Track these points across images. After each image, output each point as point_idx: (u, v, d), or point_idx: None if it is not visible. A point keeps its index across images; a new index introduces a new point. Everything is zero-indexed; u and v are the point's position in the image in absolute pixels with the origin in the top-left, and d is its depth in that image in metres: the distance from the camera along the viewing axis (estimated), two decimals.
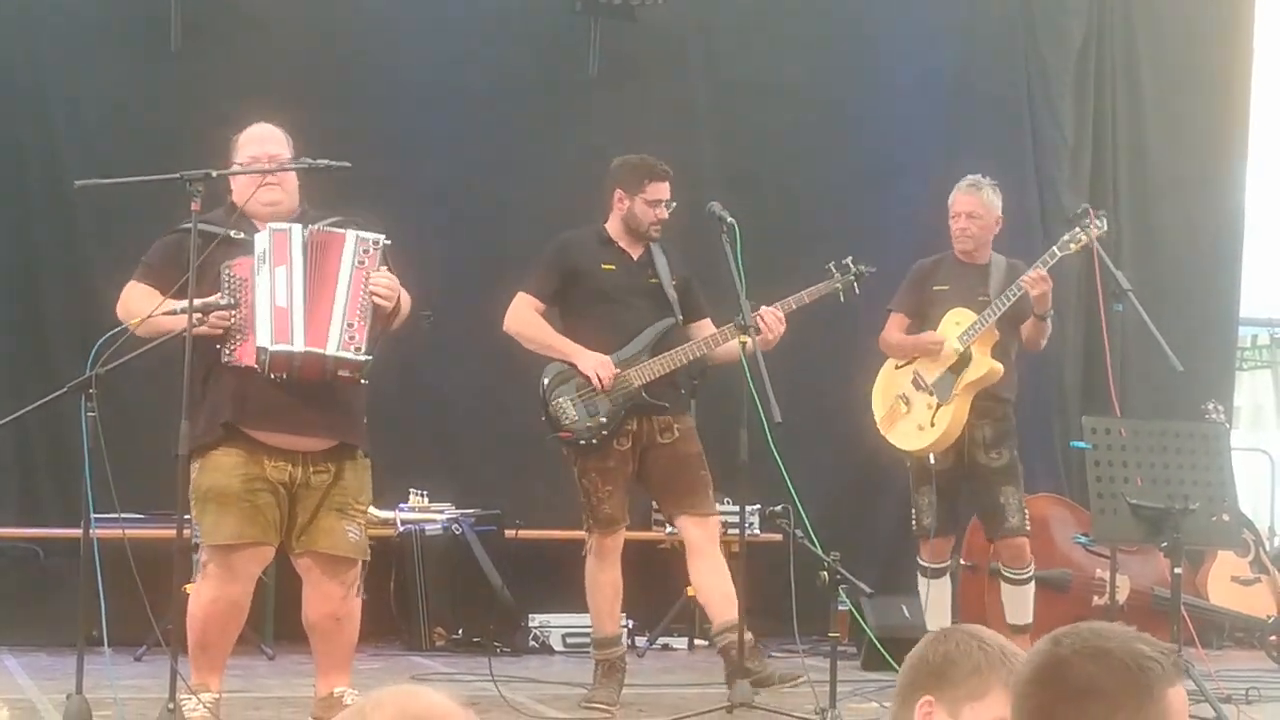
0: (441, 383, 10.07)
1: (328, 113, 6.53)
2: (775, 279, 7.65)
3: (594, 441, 7.27)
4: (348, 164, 6.30)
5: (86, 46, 9.79)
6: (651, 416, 7.35)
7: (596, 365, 7.27)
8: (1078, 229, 8.05)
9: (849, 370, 10.26)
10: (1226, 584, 10.26)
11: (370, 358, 6.08)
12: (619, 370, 7.27)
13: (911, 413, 8.35)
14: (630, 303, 7.40)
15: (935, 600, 8.47)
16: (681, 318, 7.46)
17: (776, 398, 6.80)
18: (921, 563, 8.53)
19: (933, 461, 8.31)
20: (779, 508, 6.68)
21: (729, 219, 7.24)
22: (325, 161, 6.28)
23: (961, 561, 9.31)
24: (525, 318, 7.47)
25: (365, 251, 6.16)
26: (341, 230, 6.19)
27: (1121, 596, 9.11)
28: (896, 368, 8.49)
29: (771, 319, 7.31)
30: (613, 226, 7.52)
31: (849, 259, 7.60)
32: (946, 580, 8.50)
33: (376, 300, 6.13)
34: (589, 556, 7.41)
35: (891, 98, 11.02)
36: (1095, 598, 9.42)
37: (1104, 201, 10.13)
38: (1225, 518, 7.35)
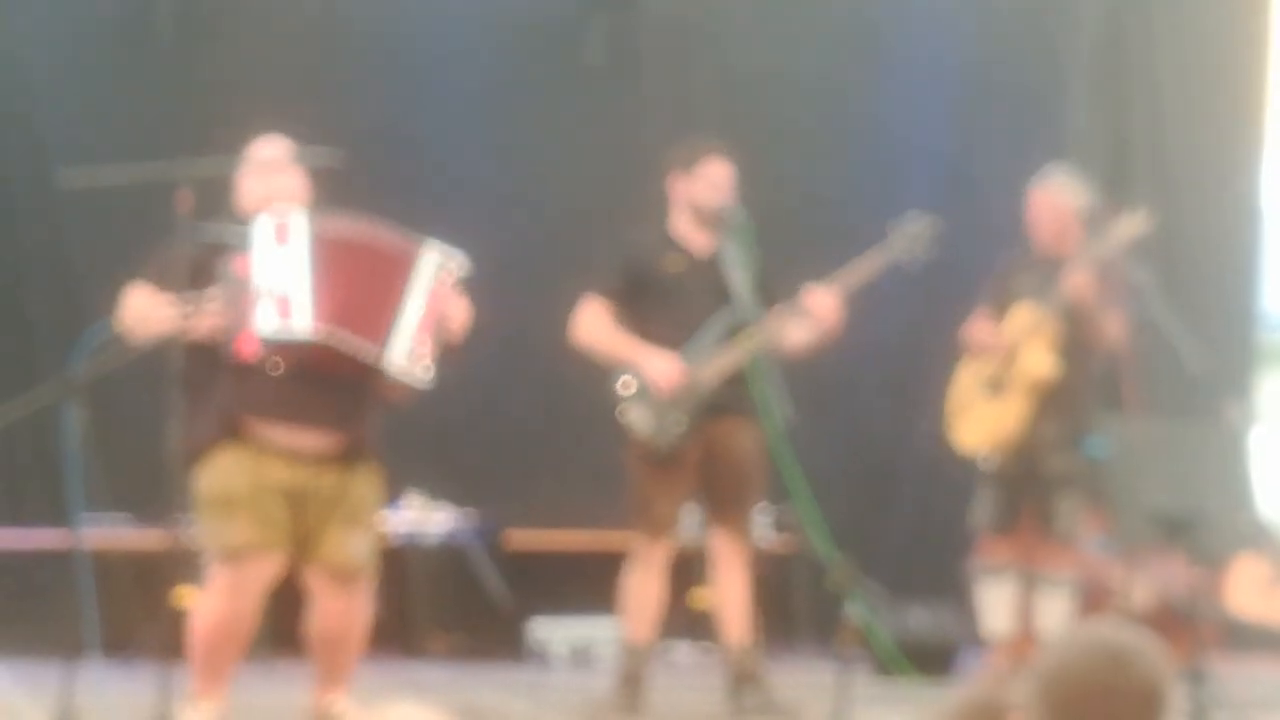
0: (441, 379, 9.89)
1: (323, 107, 6.42)
2: (786, 274, 7.47)
3: (672, 448, 7.10)
4: (336, 154, 6.20)
5: (72, 42, 9.66)
6: (718, 418, 7.14)
7: (662, 369, 7.08)
8: (1119, 226, 7.93)
9: (862, 367, 10.17)
10: (1248, 588, 10.11)
11: (432, 381, 6.00)
12: (686, 371, 7.08)
13: (973, 409, 8.23)
14: (697, 300, 7.20)
15: (991, 602, 8.32)
16: (756, 310, 7.20)
17: (788, 397, 6.69)
18: (977, 562, 8.39)
19: (986, 460, 8.15)
20: (787, 510, 6.56)
21: (740, 214, 7.12)
22: (315, 151, 6.17)
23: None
24: (592, 326, 7.30)
25: (444, 271, 6.08)
26: (420, 243, 6.10)
27: (1140, 602, 8.95)
28: (968, 363, 8.36)
29: (822, 301, 7.09)
30: (676, 222, 7.33)
31: (906, 216, 7.40)
32: (1006, 581, 8.32)
33: (447, 324, 6.06)
34: (632, 562, 7.23)
35: (903, 89, 10.88)
36: (1112, 602, 9.26)
37: (1122, 195, 10.00)
38: (1246, 520, 7.22)
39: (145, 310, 5.96)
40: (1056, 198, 8.26)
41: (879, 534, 10.46)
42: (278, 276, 5.83)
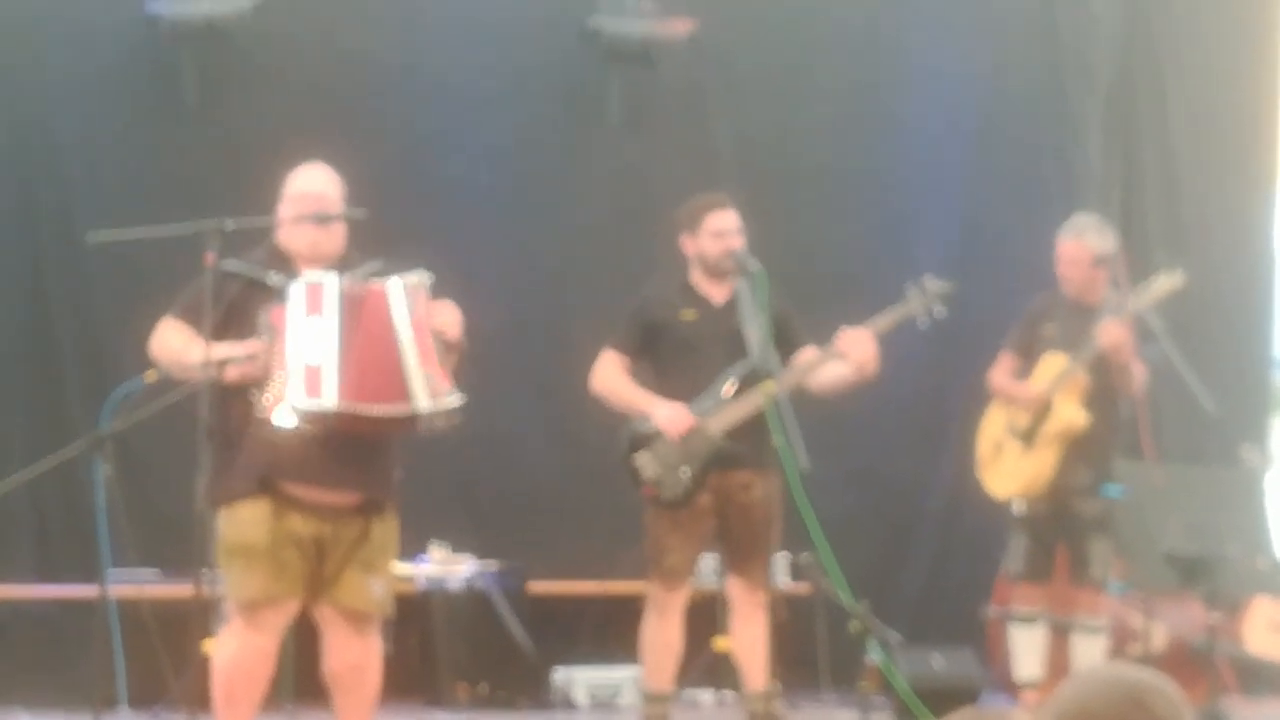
0: (462, 431, 9.94)
1: (345, 162, 6.44)
2: (804, 326, 7.51)
3: (678, 495, 7.14)
4: (364, 211, 6.24)
5: (99, 99, 9.71)
6: (731, 470, 7.17)
7: (670, 416, 7.14)
8: (1156, 283, 8.00)
9: (880, 416, 10.18)
10: (1265, 630, 10.11)
11: (463, 398, 5.98)
12: (696, 421, 7.13)
13: (1003, 458, 8.28)
14: (713, 351, 7.23)
15: (1024, 649, 8.36)
16: (770, 359, 7.17)
17: (805, 443, 6.71)
18: (1011, 609, 8.43)
19: (1017, 509, 8.21)
20: (806, 556, 6.58)
21: (753, 265, 7.16)
22: (338, 212, 6.22)
23: (993, 608, 9.20)
24: (607, 376, 7.37)
25: (415, 295, 6.04)
26: (379, 282, 6.06)
27: (1157, 645, 8.97)
28: (998, 410, 8.41)
29: (857, 341, 7.14)
30: (693, 273, 7.40)
31: (925, 277, 7.44)
32: (1038, 628, 8.36)
33: (445, 337, 6.05)
34: (649, 610, 7.27)
35: (918, 142, 10.91)
36: (1131, 645, 9.28)
37: (1136, 244, 10.04)
38: (1262, 562, 7.24)
39: (179, 353, 6.01)
40: (1085, 245, 8.31)
41: (898, 580, 10.48)
42: (308, 348, 5.86)
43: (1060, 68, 11.14)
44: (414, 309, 6.01)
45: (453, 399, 5.99)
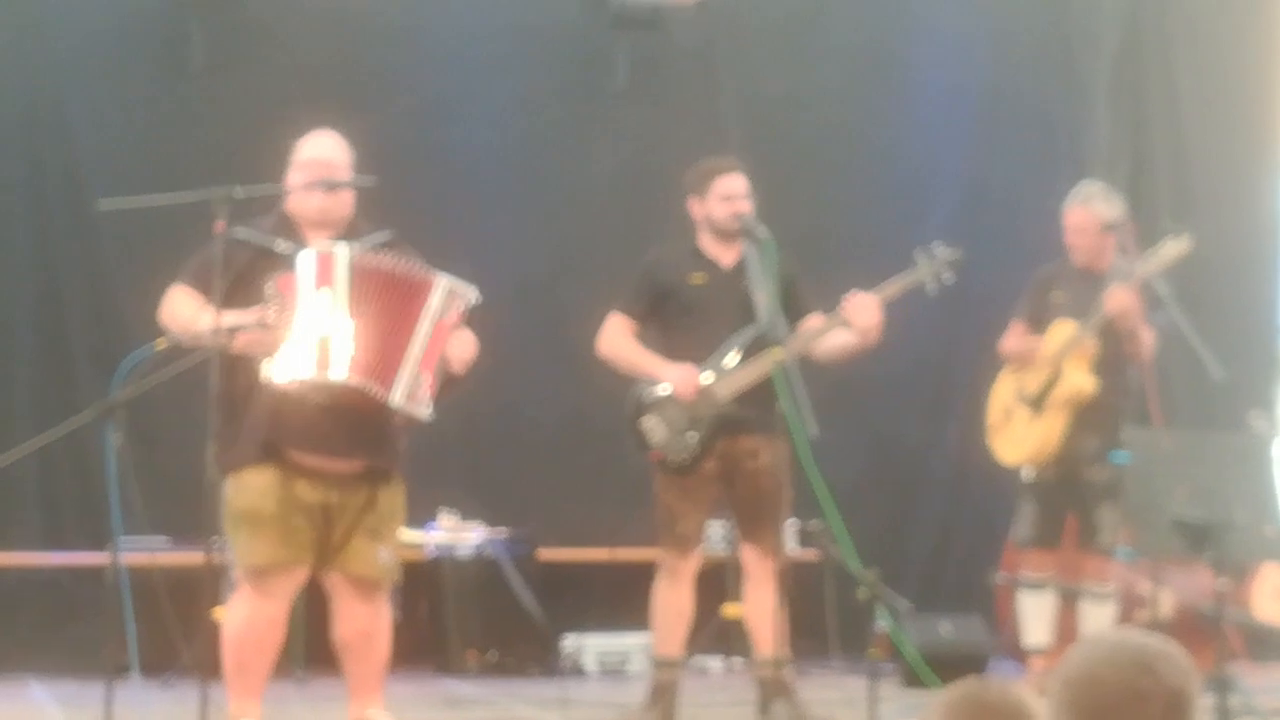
0: (471, 399, 9.94)
1: (352, 128, 6.44)
2: (811, 291, 7.50)
3: (685, 460, 7.15)
4: (372, 179, 6.25)
5: (107, 66, 9.73)
6: (738, 436, 7.17)
7: (679, 377, 7.14)
8: (1163, 245, 7.99)
9: (887, 383, 10.20)
10: (1273, 597, 10.13)
11: (432, 416, 6.00)
12: (705, 383, 7.14)
13: (1012, 424, 8.30)
14: (722, 315, 7.19)
15: (1033, 615, 8.38)
16: (778, 324, 7.13)
17: (813, 410, 6.71)
18: (1020, 575, 8.45)
19: (1026, 476, 8.22)
20: (815, 523, 6.59)
21: (762, 232, 7.15)
22: (346, 179, 6.22)
23: (1001, 575, 9.22)
24: (614, 340, 7.35)
25: (454, 306, 6.08)
26: (432, 273, 6.08)
27: (1165, 611, 8.99)
28: (1007, 377, 8.43)
29: (863, 306, 7.13)
30: (701, 237, 7.39)
31: (934, 244, 7.43)
32: (1047, 594, 8.38)
33: (449, 365, 6.08)
34: (660, 576, 7.28)
35: (925, 109, 10.92)
36: (1138, 612, 9.30)
37: (1143, 211, 10.03)
38: (1270, 530, 7.23)
39: (188, 320, 6.02)
40: (1093, 212, 8.30)
41: (906, 547, 10.52)
42: (318, 320, 5.86)
43: (1068, 33, 11.14)
44: (445, 313, 6.04)
45: (424, 411, 6.00)
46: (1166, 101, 11.36)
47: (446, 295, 6.07)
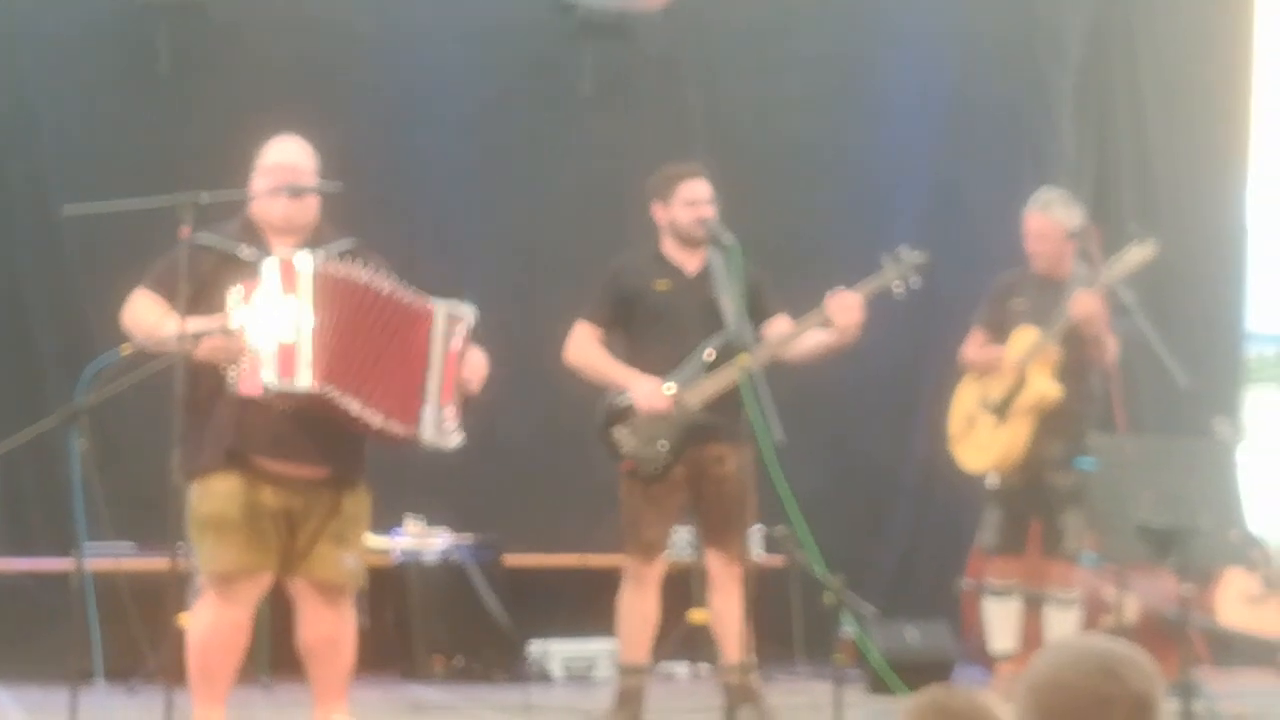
0: None
1: (318, 134, 6.42)
2: (776, 295, 7.50)
3: (656, 469, 7.14)
4: (338, 184, 6.24)
5: (73, 70, 9.70)
6: (705, 443, 7.16)
7: (647, 393, 7.14)
8: (1127, 251, 8.01)
9: (854, 389, 10.21)
10: (1237, 602, 10.17)
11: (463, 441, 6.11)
12: (674, 395, 7.13)
13: (976, 432, 8.30)
14: (687, 321, 7.20)
15: (999, 621, 8.39)
16: (744, 331, 7.11)
17: (779, 417, 6.71)
18: (985, 582, 8.46)
19: (991, 482, 8.24)
20: (780, 529, 6.59)
21: (727, 237, 7.15)
22: (311, 185, 6.20)
23: (967, 581, 9.24)
24: (582, 348, 7.35)
25: (456, 331, 6.10)
26: (429, 301, 6.08)
27: (1130, 616, 9.01)
28: (968, 385, 8.43)
29: (844, 302, 7.09)
30: (665, 243, 7.39)
31: (900, 248, 7.43)
32: (1013, 601, 8.39)
33: (468, 386, 6.14)
34: (625, 582, 7.28)
35: (891, 116, 10.94)
36: (1103, 618, 9.33)
37: (1109, 218, 10.06)
38: (1235, 535, 7.26)
39: (151, 325, 6.00)
40: (1054, 219, 8.32)
41: (873, 553, 10.52)
42: (282, 327, 5.82)
43: (1033, 40, 11.17)
44: (450, 340, 6.07)
45: (454, 440, 6.09)
46: (1132, 108, 11.40)
47: (447, 322, 6.08)
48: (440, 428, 6.03)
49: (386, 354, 5.98)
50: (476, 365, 6.20)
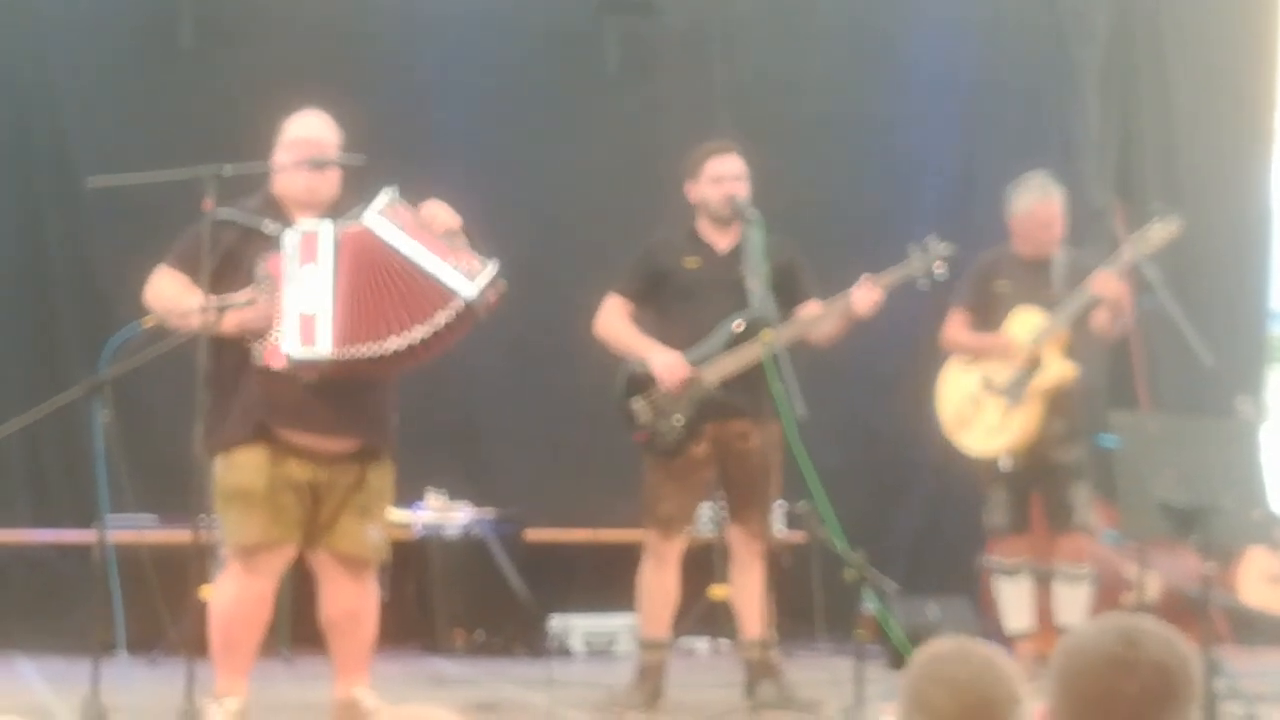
0: (461, 380, 9.97)
1: (341, 109, 6.42)
2: (813, 278, 7.49)
3: (670, 442, 7.15)
4: (360, 157, 6.24)
5: (96, 43, 9.72)
6: (729, 419, 7.17)
7: (667, 364, 7.14)
8: (1151, 227, 7.97)
9: (874, 365, 10.19)
10: (1259, 581, 10.15)
11: (496, 263, 6.02)
12: (692, 370, 7.14)
13: (982, 415, 8.24)
14: (714, 299, 7.20)
15: (1012, 600, 8.37)
16: (769, 308, 7.11)
17: (801, 393, 6.71)
18: (995, 562, 8.44)
19: (1004, 464, 8.20)
20: (802, 505, 6.59)
21: (752, 213, 7.15)
22: (334, 158, 6.20)
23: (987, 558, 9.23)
24: (610, 321, 7.36)
25: (395, 213, 6.02)
26: (355, 223, 6.02)
27: (1151, 594, 9.00)
28: (963, 368, 8.38)
29: (869, 297, 7.13)
30: (699, 221, 7.39)
31: (929, 238, 7.42)
32: (1024, 579, 8.38)
33: (446, 228, 6.07)
34: (645, 558, 7.29)
35: (915, 92, 10.91)
36: (1125, 595, 9.32)
37: (1131, 196, 10.04)
38: (1257, 514, 7.24)
39: (175, 301, 6.01)
40: (1057, 203, 8.30)
41: (894, 529, 10.52)
42: (304, 296, 5.86)
43: (1059, 18, 11.13)
44: (403, 224, 6.00)
45: (489, 269, 6.00)
46: (1156, 87, 11.36)
47: (383, 215, 5.99)
48: (469, 275, 5.97)
49: (390, 290, 5.93)
50: (437, 211, 6.13)
